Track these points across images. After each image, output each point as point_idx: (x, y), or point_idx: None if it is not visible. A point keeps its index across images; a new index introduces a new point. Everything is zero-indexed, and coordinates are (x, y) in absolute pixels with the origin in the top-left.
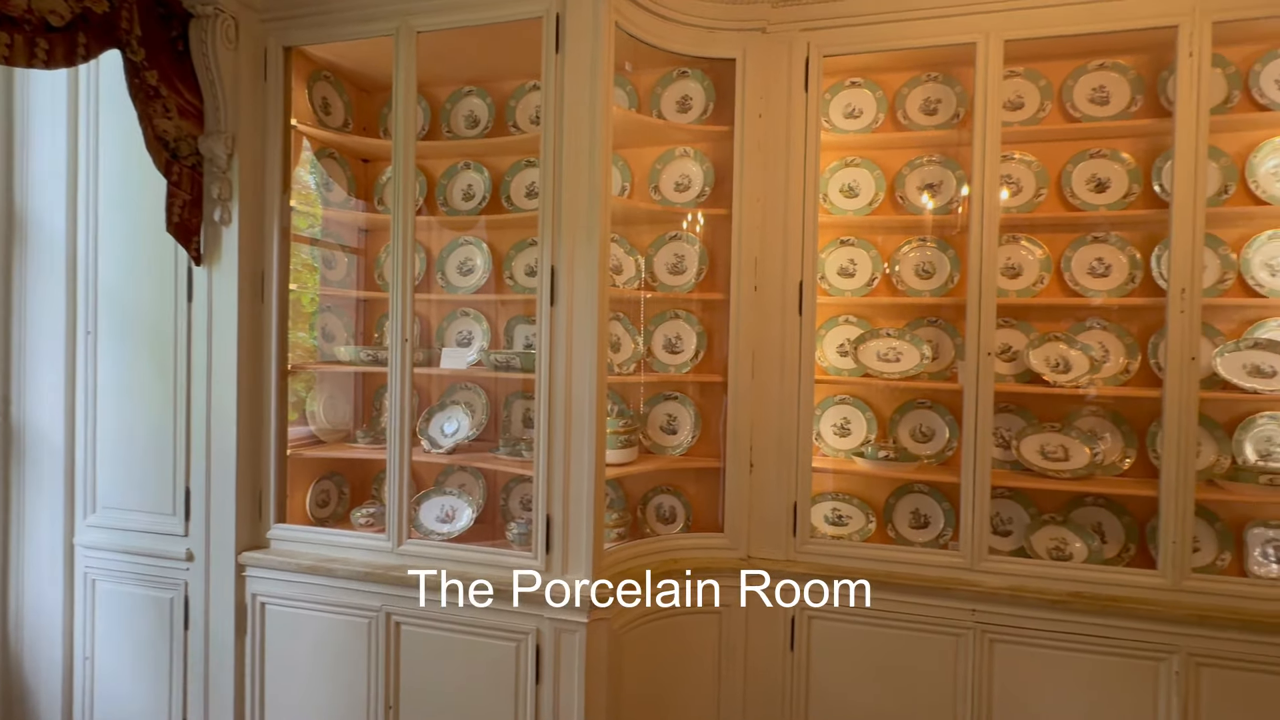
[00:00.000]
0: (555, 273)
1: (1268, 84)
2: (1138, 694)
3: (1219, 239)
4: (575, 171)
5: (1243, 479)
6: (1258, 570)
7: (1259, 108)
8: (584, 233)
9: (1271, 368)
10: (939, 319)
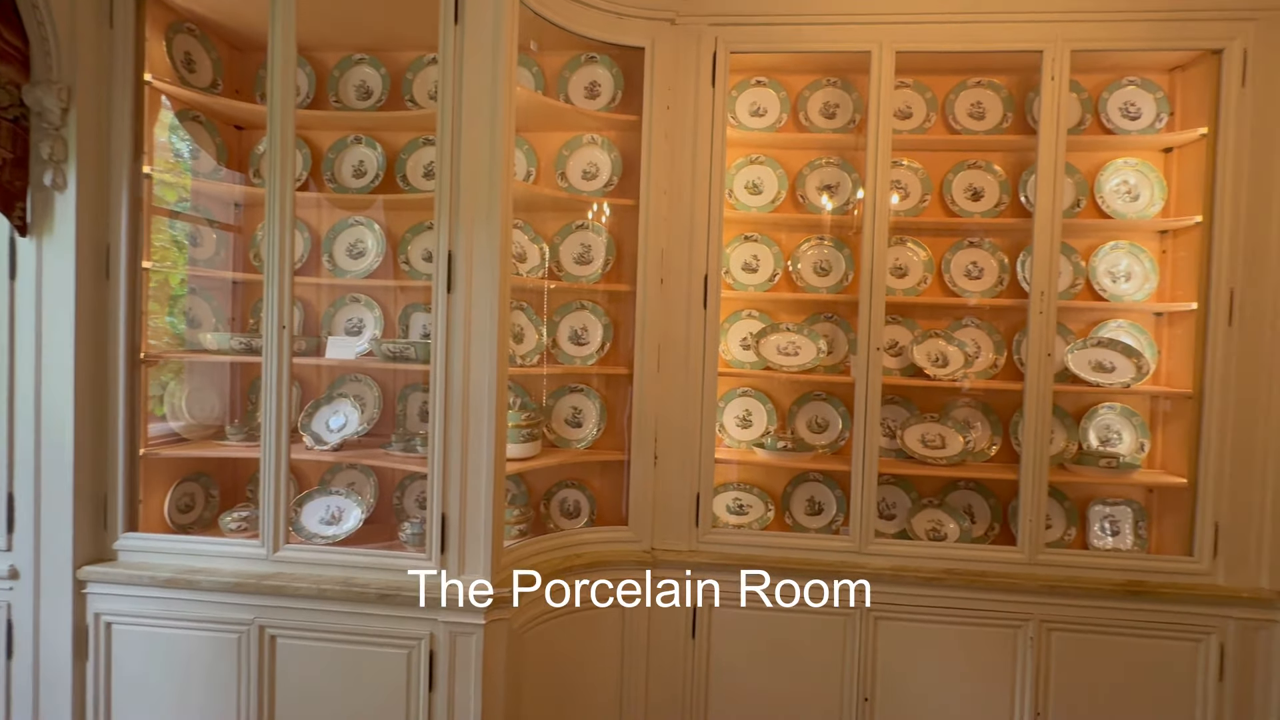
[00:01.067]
0: (453, 258)
1: (1113, 111)
2: (999, 658)
3: (1072, 248)
4: (475, 152)
5: (1086, 462)
6: (1096, 543)
7: (1106, 131)
8: (484, 217)
9: (1112, 364)
10: (834, 315)
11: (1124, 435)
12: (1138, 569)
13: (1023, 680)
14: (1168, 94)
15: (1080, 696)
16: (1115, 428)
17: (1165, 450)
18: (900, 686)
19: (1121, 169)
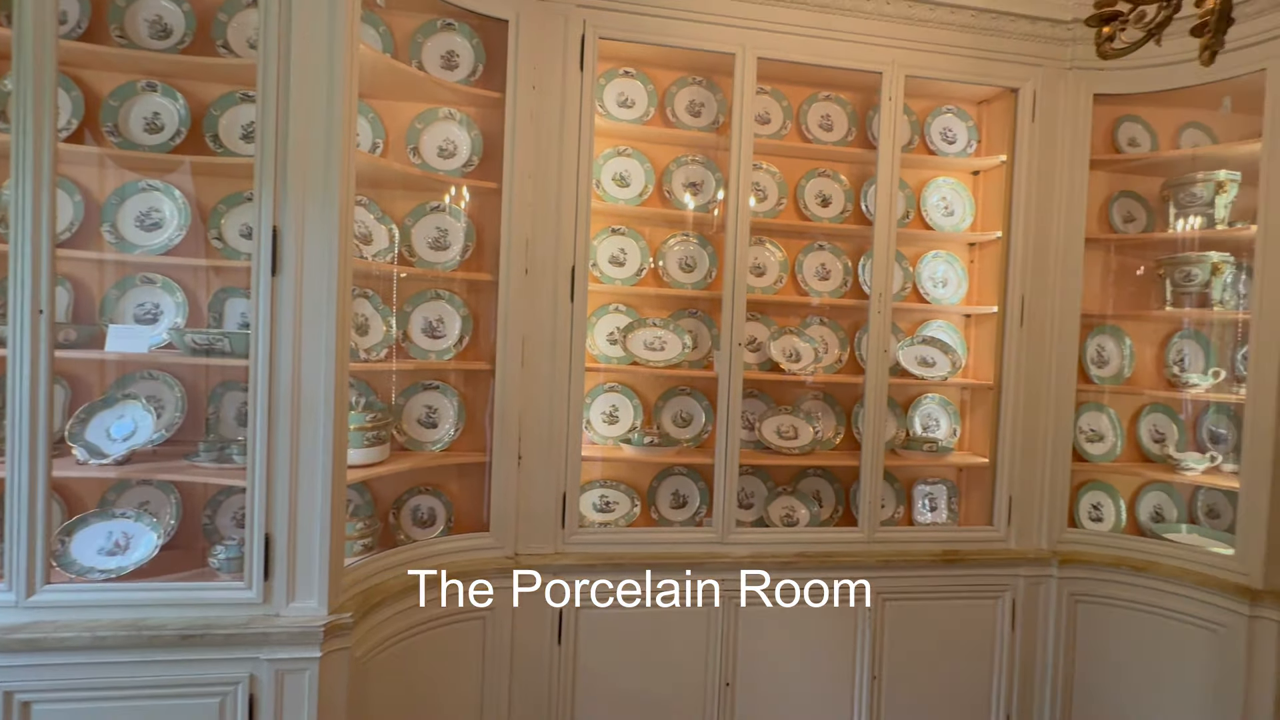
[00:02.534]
0: (279, 235)
1: (935, 134)
2: (843, 629)
3: (903, 255)
4: (308, 114)
5: (913, 447)
6: (920, 519)
7: (930, 152)
8: (319, 189)
9: (933, 359)
10: (699, 311)
11: (942, 422)
12: (952, 539)
13: (862, 647)
14: (977, 123)
15: (908, 655)
16: (935, 416)
17: (972, 434)
18: (758, 667)
19: (941, 187)
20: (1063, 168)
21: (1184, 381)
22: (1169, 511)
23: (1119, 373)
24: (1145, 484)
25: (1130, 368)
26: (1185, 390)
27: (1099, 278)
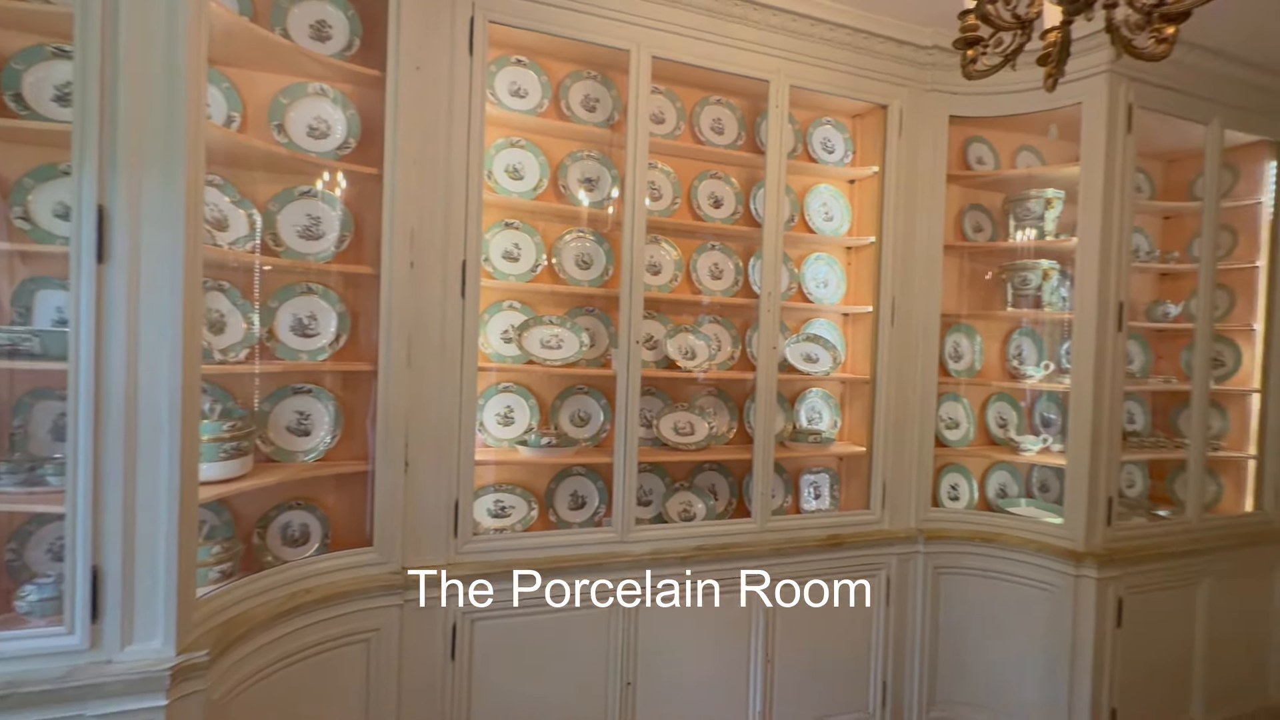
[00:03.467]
0: (107, 216)
1: (817, 144)
2: (739, 618)
3: (789, 256)
4: (143, 75)
5: (799, 439)
6: (806, 506)
7: (811, 160)
8: (160, 164)
9: (817, 356)
10: (596, 309)
11: (824, 414)
12: (835, 524)
13: (757, 633)
14: (852, 136)
15: (798, 636)
16: (819, 409)
17: (851, 425)
18: (659, 663)
19: (822, 193)
20: (925, 180)
21: (1022, 373)
22: (1011, 488)
23: (971, 366)
24: (992, 464)
25: (980, 362)
26: (1023, 381)
27: (955, 281)
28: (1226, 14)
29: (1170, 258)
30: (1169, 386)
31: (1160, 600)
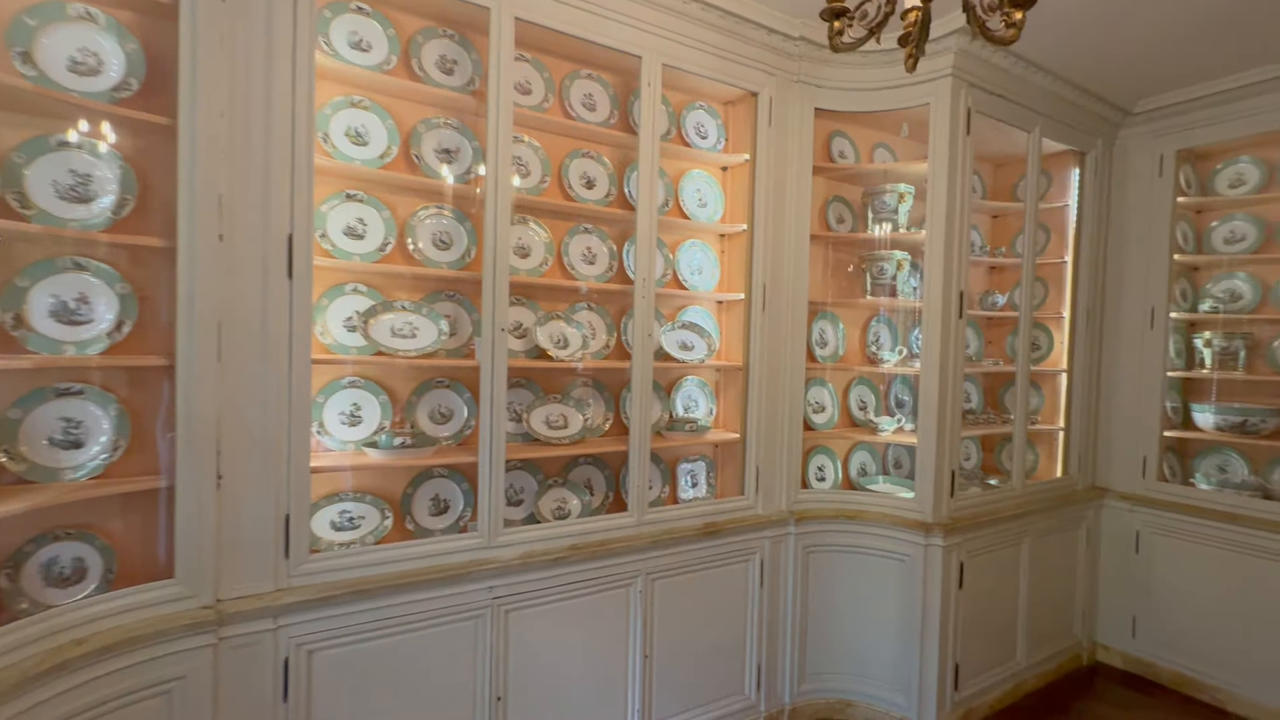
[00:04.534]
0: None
1: (690, 128)
2: (616, 617)
3: (664, 242)
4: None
5: (676, 428)
6: (683, 496)
7: (685, 144)
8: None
9: (692, 343)
10: (457, 293)
11: (700, 402)
12: (711, 512)
13: (634, 630)
14: (725, 122)
15: (676, 629)
16: (695, 397)
17: (726, 412)
18: (532, 673)
19: (696, 179)
20: (793, 170)
21: (880, 358)
22: (870, 466)
23: (835, 352)
24: (854, 445)
25: (843, 348)
26: (880, 365)
27: (820, 270)
28: (1055, 32)
29: (999, 253)
30: (997, 368)
31: (992, 561)
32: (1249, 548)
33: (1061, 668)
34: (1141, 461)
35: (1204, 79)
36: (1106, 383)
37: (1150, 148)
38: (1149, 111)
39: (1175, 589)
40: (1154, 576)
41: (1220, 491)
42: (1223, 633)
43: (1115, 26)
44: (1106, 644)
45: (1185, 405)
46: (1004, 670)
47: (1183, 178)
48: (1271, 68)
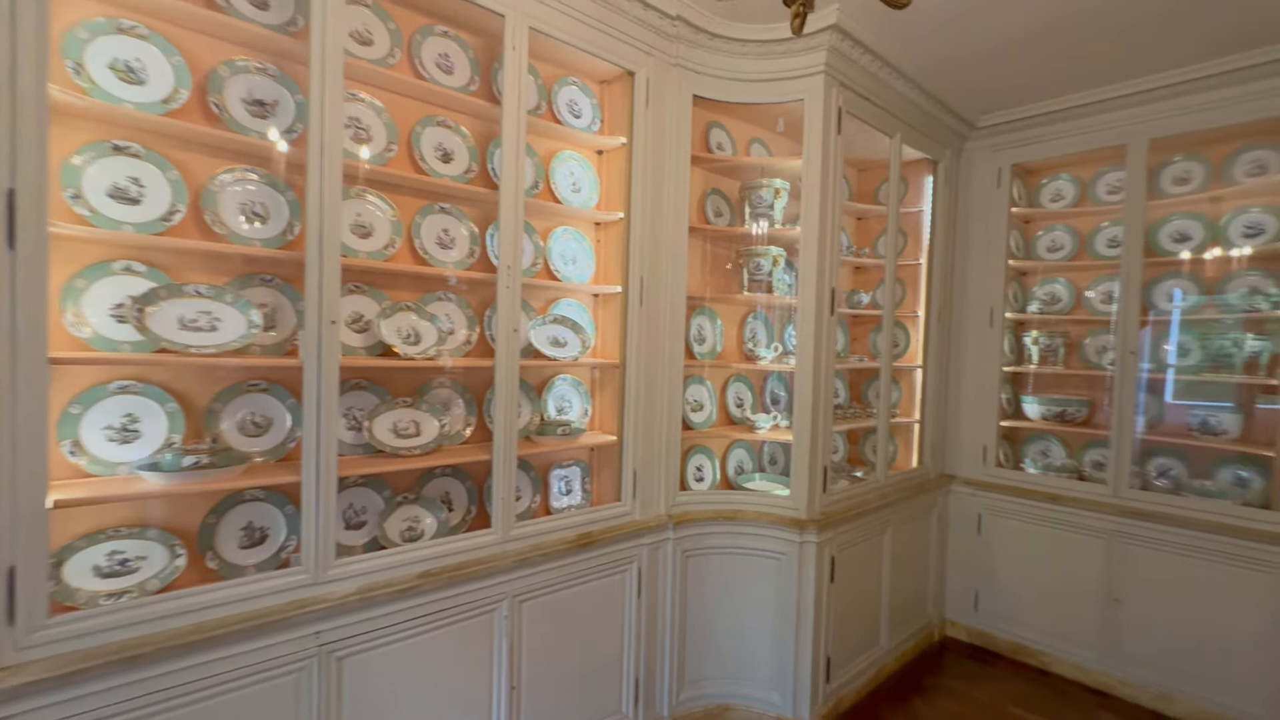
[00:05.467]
0: None
1: (562, 105)
2: (478, 647)
3: (533, 227)
4: None
5: (547, 432)
6: (556, 505)
7: (557, 121)
8: None
9: (565, 339)
10: (276, 278)
11: (574, 403)
12: (586, 522)
13: (499, 662)
14: (600, 102)
15: (546, 652)
16: (568, 397)
17: (602, 413)
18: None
19: (568, 161)
20: (671, 158)
21: (756, 355)
22: (747, 464)
23: (713, 349)
24: (732, 443)
25: (721, 344)
26: (757, 362)
27: (699, 264)
28: (920, 43)
29: (863, 253)
30: (862, 365)
31: (860, 553)
32: (1067, 524)
33: (916, 647)
34: (982, 449)
35: (1034, 100)
36: (954, 377)
37: (990, 160)
38: (990, 127)
39: (1010, 565)
40: (993, 554)
41: (1044, 474)
42: (1047, 603)
43: (963, 42)
44: (954, 620)
45: (1016, 397)
46: (869, 656)
47: (1015, 190)
48: (1085, 93)
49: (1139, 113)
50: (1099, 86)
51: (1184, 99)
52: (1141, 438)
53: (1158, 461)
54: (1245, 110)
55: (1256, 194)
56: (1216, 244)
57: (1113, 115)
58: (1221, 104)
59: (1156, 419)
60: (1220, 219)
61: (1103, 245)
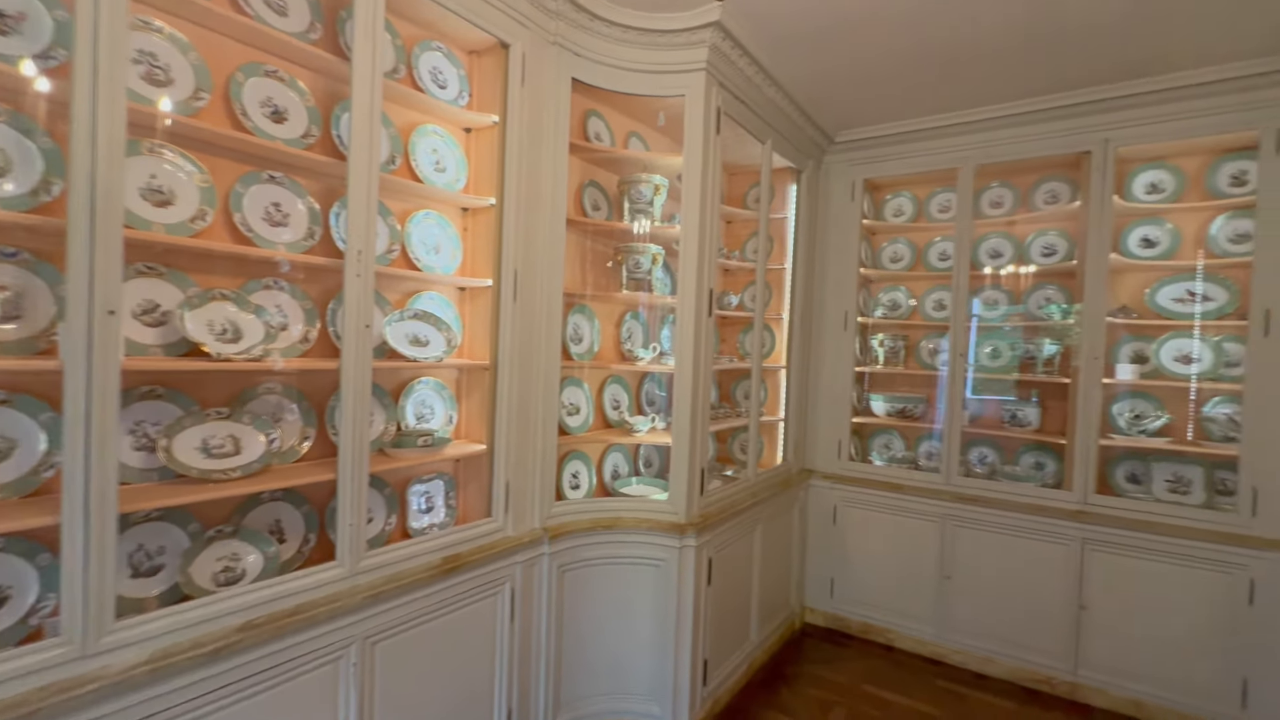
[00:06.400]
0: None
1: (425, 72)
2: (318, 708)
3: (389, 208)
4: None
5: (405, 444)
6: (416, 525)
7: (418, 88)
8: None
9: (427, 337)
10: (24, 251)
11: (438, 409)
12: (452, 543)
13: (348, 715)
14: (469, 74)
15: (405, 698)
16: (430, 403)
17: (469, 419)
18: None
19: (431, 136)
20: (549, 144)
21: (634, 356)
22: (623, 468)
23: (590, 349)
24: (608, 447)
25: (598, 344)
26: (635, 363)
27: (576, 259)
28: (790, 53)
29: (733, 255)
30: (733, 365)
31: (733, 552)
32: (906, 511)
33: (781, 638)
34: (837, 444)
35: (884, 120)
36: (813, 376)
37: (846, 174)
38: (846, 142)
39: (860, 551)
40: (846, 543)
41: (889, 466)
42: (890, 583)
43: (826, 59)
44: (812, 606)
45: (864, 395)
46: (741, 652)
47: (866, 204)
48: (925, 119)
49: (969, 140)
50: (937, 114)
51: (1004, 131)
52: (964, 430)
53: (977, 450)
54: (1048, 145)
55: (1051, 219)
56: (1022, 261)
57: (947, 141)
58: (1032, 138)
59: (977, 413)
60: (1025, 239)
61: (935, 258)
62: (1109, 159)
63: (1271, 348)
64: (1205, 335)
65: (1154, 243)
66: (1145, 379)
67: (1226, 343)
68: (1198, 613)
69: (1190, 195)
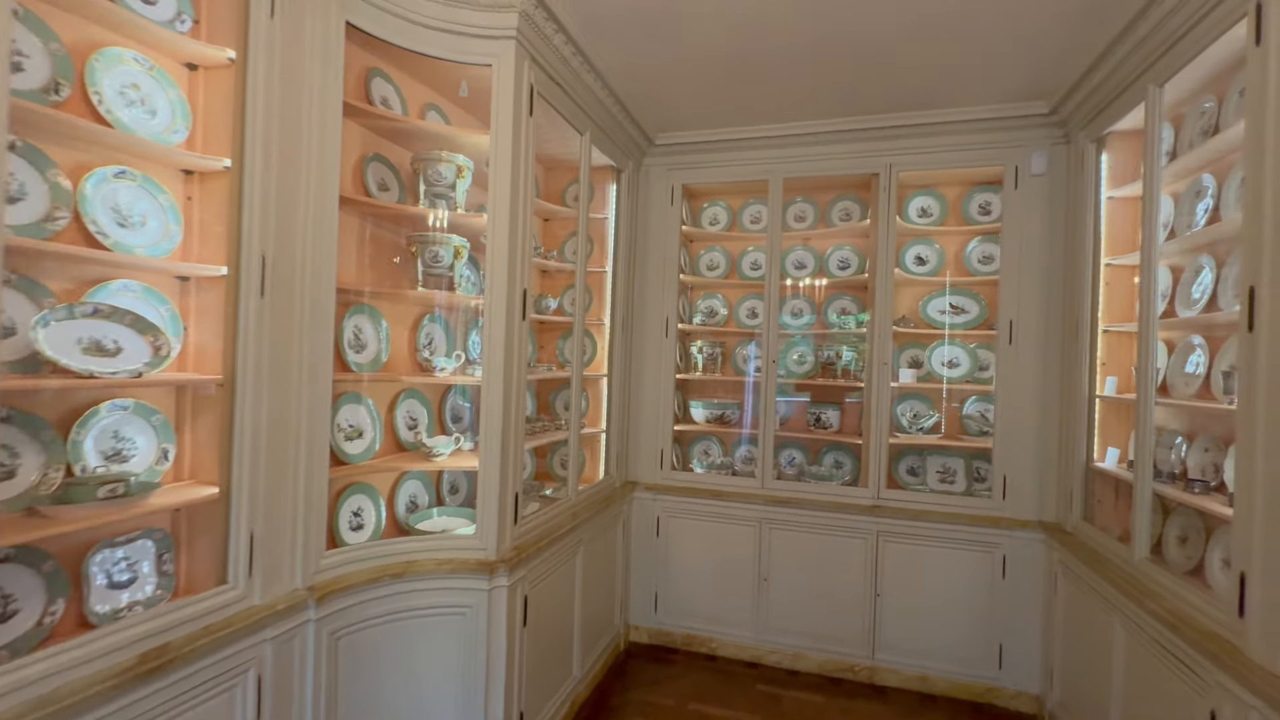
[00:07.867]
0: None
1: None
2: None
3: (48, 157)
4: None
5: (79, 497)
6: (101, 607)
7: None
8: None
9: (120, 344)
10: None
11: (140, 443)
12: (160, 629)
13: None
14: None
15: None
16: (128, 434)
17: (195, 455)
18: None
19: (129, 64)
20: (314, 98)
21: (433, 365)
22: (422, 498)
23: (377, 358)
24: (402, 475)
25: (387, 352)
26: (435, 374)
27: (355, 248)
28: (612, 36)
29: (551, 256)
30: (551, 374)
31: (553, 583)
32: (725, 517)
33: (605, 664)
34: (659, 454)
35: (700, 127)
36: (635, 385)
37: (665, 178)
38: (665, 145)
39: (683, 562)
40: (670, 554)
41: (709, 473)
42: (711, 592)
43: (643, 51)
44: (637, 624)
45: (685, 402)
46: (563, 691)
47: (684, 210)
48: (738, 129)
49: (778, 154)
50: (748, 124)
51: (807, 148)
52: (776, 433)
53: (787, 453)
54: (844, 165)
55: (846, 235)
56: (822, 273)
57: (758, 153)
58: (831, 157)
59: (786, 415)
60: (824, 252)
61: (748, 268)
62: (893, 182)
63: (1014, 354)
64: (964, 343)
65: (925, 260)
66: (921, 382)
67: (980, 349)
68: (965, 589)
69: (951, 220)
